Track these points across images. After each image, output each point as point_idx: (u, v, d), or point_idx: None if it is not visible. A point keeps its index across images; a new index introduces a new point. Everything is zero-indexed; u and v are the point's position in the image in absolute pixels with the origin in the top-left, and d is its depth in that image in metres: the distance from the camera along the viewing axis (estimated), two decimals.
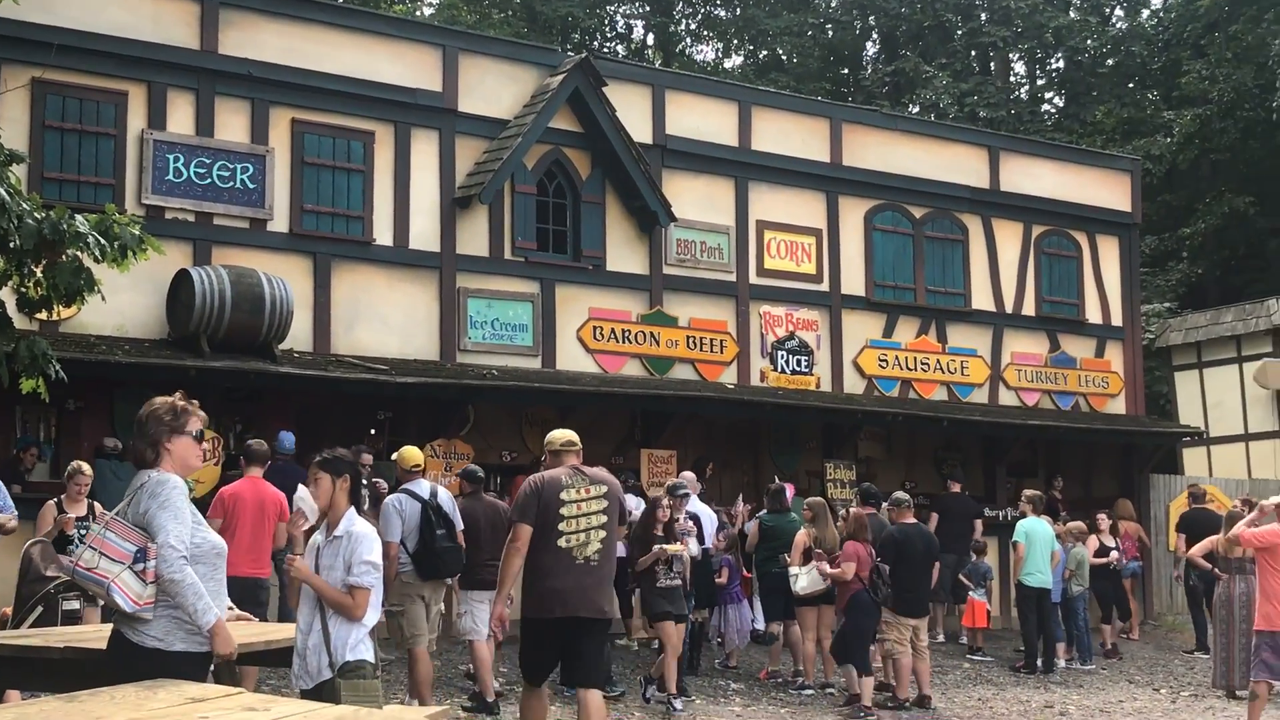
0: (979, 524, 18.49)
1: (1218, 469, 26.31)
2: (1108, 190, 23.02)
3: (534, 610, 8.56)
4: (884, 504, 14.52)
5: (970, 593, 17.63)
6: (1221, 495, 21.58)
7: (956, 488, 18.78)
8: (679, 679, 12.80)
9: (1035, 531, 16.30)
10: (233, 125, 15.98)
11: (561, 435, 9.16)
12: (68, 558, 7.16)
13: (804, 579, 13.61)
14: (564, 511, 8.52)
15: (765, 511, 15.39)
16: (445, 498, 11.68)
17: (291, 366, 15.04)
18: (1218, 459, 26.81)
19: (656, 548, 12.39)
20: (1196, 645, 18.75)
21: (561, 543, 8.47)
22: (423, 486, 11.64)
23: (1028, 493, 17.18)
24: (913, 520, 14.04)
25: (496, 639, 9.69)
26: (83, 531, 10.54)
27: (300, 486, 7.23)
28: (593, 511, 8.64)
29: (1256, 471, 25.67)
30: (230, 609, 6.76)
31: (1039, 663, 16.49)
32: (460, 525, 11.64)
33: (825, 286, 20.08)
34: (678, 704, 12.40)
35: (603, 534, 8.62)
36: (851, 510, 14.06)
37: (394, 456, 12.65)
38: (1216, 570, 15.71)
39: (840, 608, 13.23)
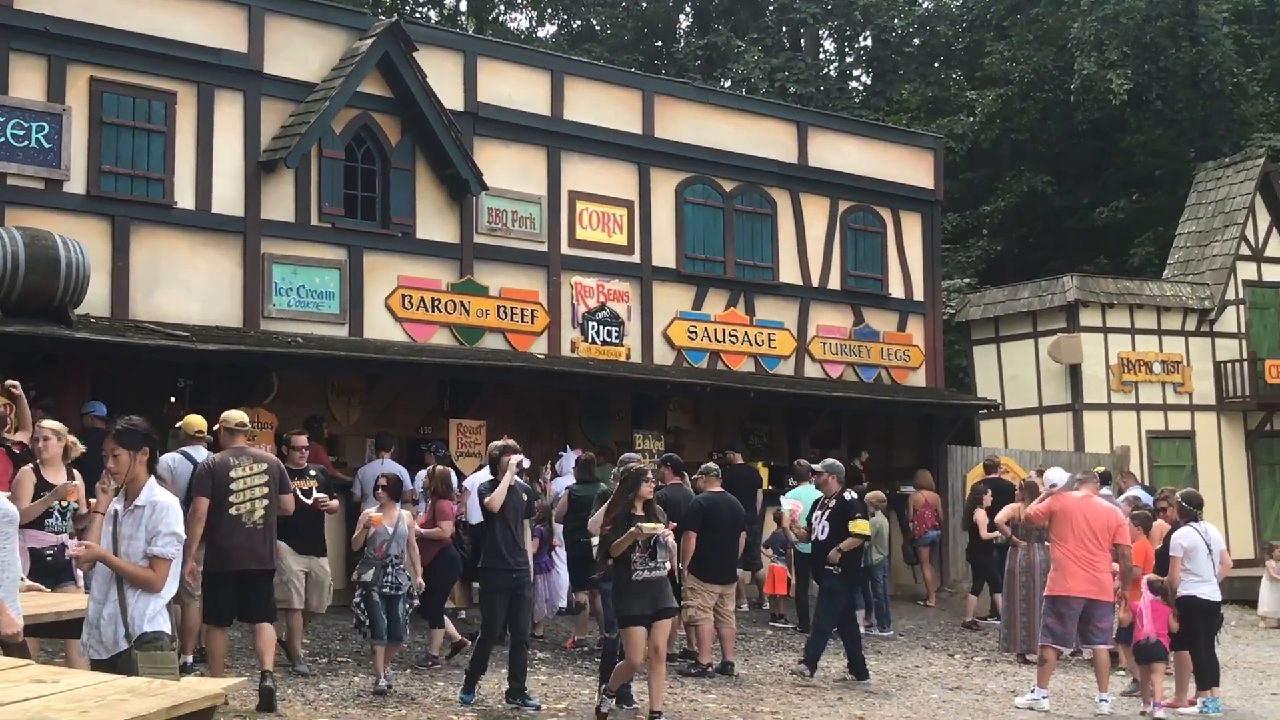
0: (760, 494, 18.59)
1: (1013, 441, 27.13)
2: (911, 168, 23.52)
3: (215, 565, 10.71)
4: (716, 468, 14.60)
5: (771, 560, 17.91)
6: (1016, 466, 22.27)
7: (738, 458, 18.79)
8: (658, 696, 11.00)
9: (806, 499, 16.44)
10: (28, 83, 15.39)
11: (235, 416, 11.29)
12: None
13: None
14: (234, 486, 10.72)
15: (574, 481, 15.42)
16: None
17: (88, 332, 14.58)
18: (1013, 431, 27.65)
19: (634, 527, 10.56)
20: (990, 612, 19.31)
21: (232, 511, 10.69)
22: (200, 453, 11.76)
23: (799, 462, 17.57)
24: (719, 489, 14.17)
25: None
26: (64, 505, 9.99)
27: None
28: (256, 485, 10.80)
29: (1050, 443, 26.53)
30: (21, 579, 6.56)
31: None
32: None
33: (636, 258, 20.16)
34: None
35: (265, 502, 10.84)
36: (436, 468, 14.11)
37: (177, 424, 12.51)
38: (1014, 538, 16.19)
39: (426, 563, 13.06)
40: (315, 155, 17.13)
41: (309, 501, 12.09)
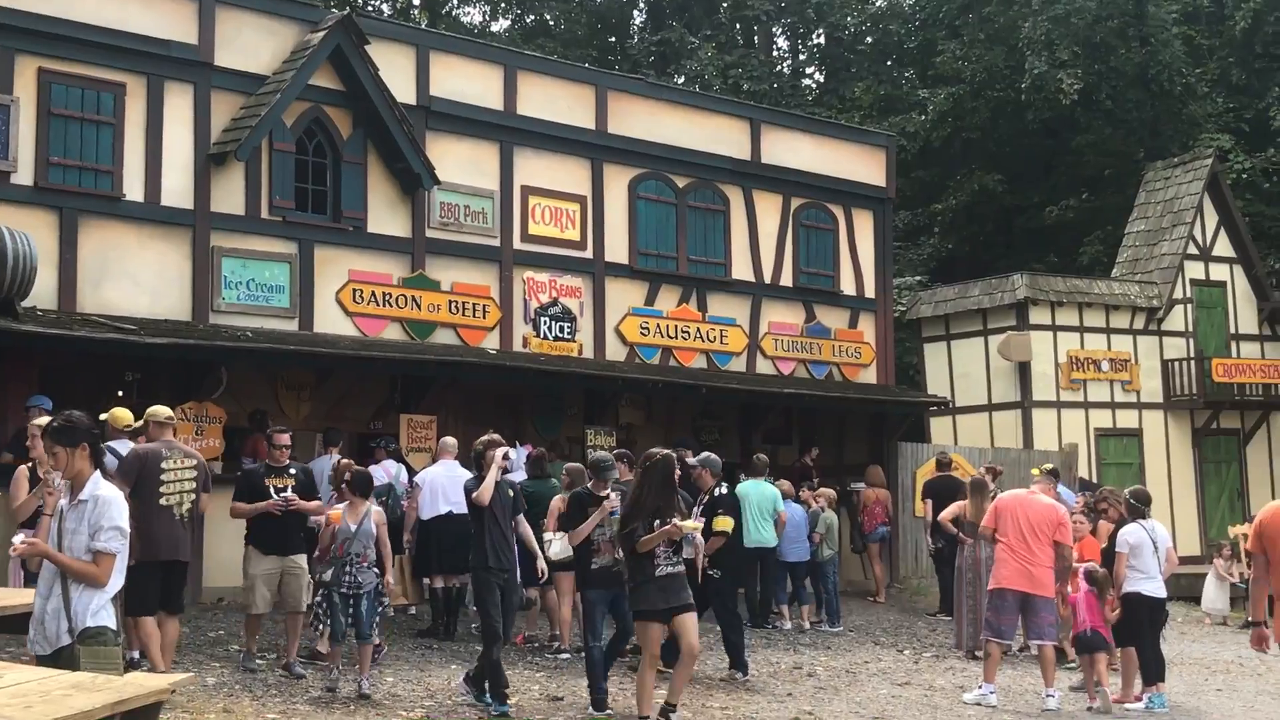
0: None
1: (963, 438, 27.30)
2: (864, 165, 23.60)
3: (144, 554, 10.34)
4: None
5: None
6: (965, 463, 22.37)
7: (688, 455, 18.73)
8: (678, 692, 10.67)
9: (750, 493, 16.47)
10: None
11: (163, 410, 11.35)
12: None
13: (556, 545, 13.62)
14: (164, 477, 10.71)
15: (526, 477, 15.39)
16: None
17: (35, 325, 14.45)
18: (963, 428, 27.82)
19: (670, 524, 10.12)
20: (940, 608, 19.41)
21: (163, 501, 10.69)
22: (125, 446, 11.61)
23: (758, 457, 17.62)
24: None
25: None
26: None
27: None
28: (185, 479, 10.82)
29: (999, 440, 26.72)
30: None
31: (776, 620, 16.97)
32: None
33: (589, 253, 20.14)
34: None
35: (193, 497, 10.89)
36: (341, 462, 13.81)
37: (103, 417, 12.35)
38: (961, 535, 16.29)
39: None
40: (266, 148, 17.02)
41: (284, 499, 11.95)
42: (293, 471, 12.32)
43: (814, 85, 42.55)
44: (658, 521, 10.10)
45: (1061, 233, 36.04)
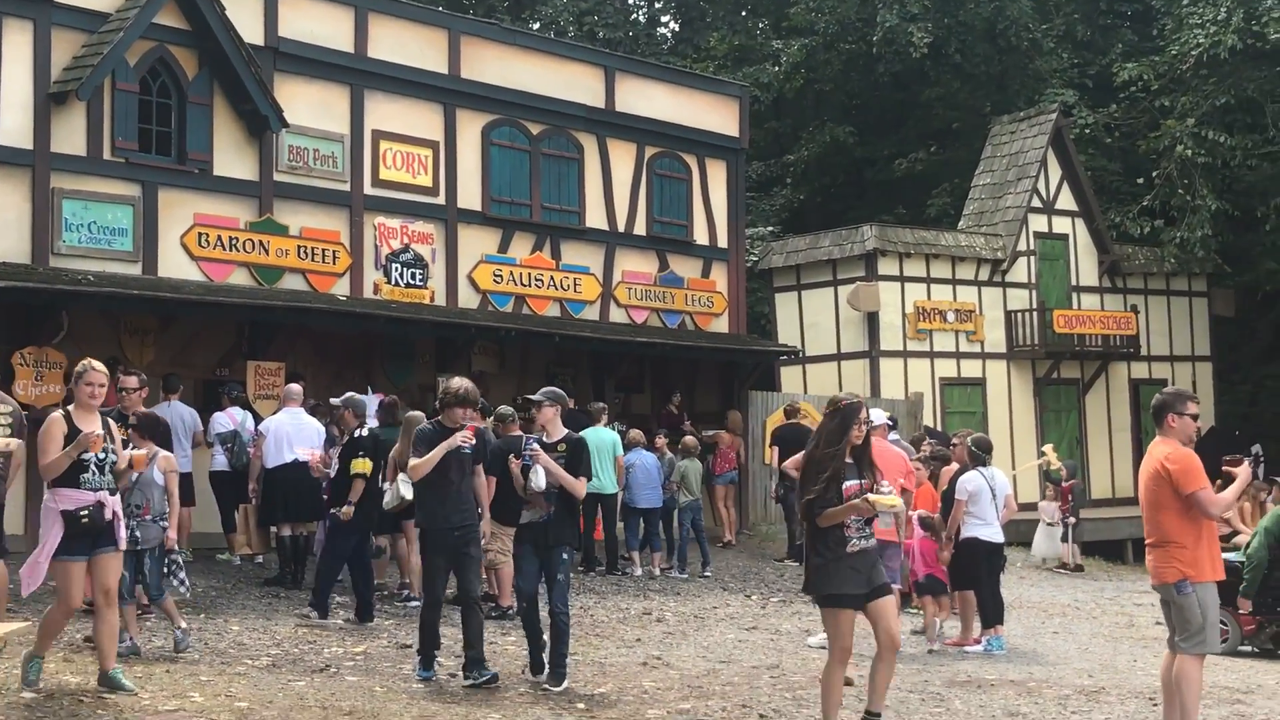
0: None
1: (812, 386, 27.67)
2: (717, 115, 23.69)
3: None
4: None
5: None
6: (814, 411, 22.67)
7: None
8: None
9: (589, 441, 16.63)
10: None
11: None
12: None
13: (389, 494, 13.59)
14: None
15: (378, 424, 15.30)
16: None
17: None
18: (812, 377, 28.20)
19: (859, 498, 8.22)
20: (788, 553, 19.72)
21: None
22: None
23: (592, 405, 17.77)
24: (519, 433, 14.17)
25: None
26: (100, 456, 8.70)
27: None
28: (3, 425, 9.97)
29: (847, 389, 27.05)
30: None
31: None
32: None
33: (441, 200, 19.98)
34: None
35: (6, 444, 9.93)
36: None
37: None
38: None
39: None
40: (108, 87, 16.58)
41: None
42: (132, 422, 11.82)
43: (669, 34, 42.54)
44: (850, 484, 8.27)
45: (910, 185, 36.56)
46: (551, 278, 21.13)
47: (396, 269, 19.31)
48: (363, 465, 12.90)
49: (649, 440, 18.70)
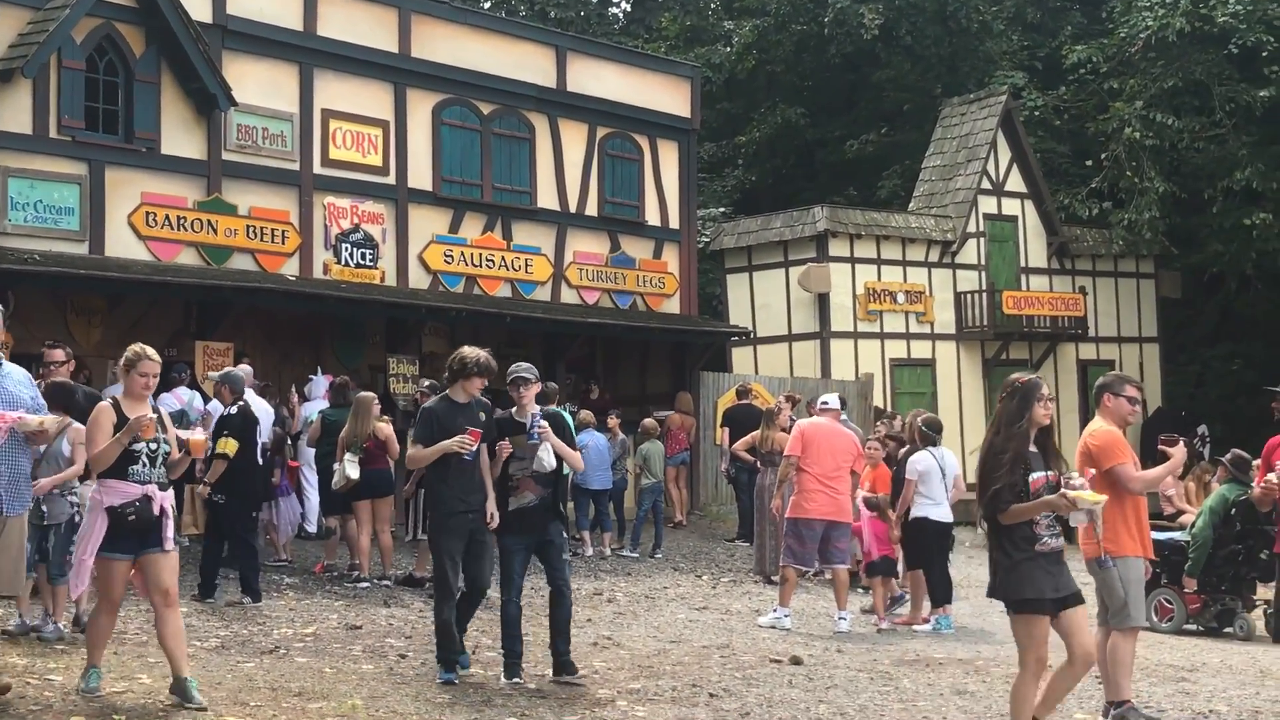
0: None
1: (763, 367, 27.73)
2: (669, 96, 23.67)
3: None
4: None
5: None
6: (765, 392, 22.78)
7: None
8: None
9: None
10: None
11: None
12: None
13: (337, 474, 13.58)
14: None
15: (328, 405, 15.27)
16: None
17: None
18: (763, 358, 28.26)
19: (1060, 491, 7.29)
20: (738, 534, 19.78)
21: None
22: None
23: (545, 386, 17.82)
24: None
25: None
26: (152, 446, 8.08)
27: None
28: None
29: (798, 370, 27.22)
30: None
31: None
32: None
33: (391, 179, 19.89)
34: None
35: None
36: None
37: None
38: (758, 464, 16.61)
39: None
40: (54, 65, 16.41)
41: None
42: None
43: (621, 14, 42.47)
44: (1038, 475, 7.38)
45: (861, 166, 36.66)
46: (502, 258, 21.08)
47: (346, 249, 19.22)
48: (226, 445, 12.60)
49: (601, 422, 18.71)
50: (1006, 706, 7.77)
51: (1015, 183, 30.22)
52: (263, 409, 14.75)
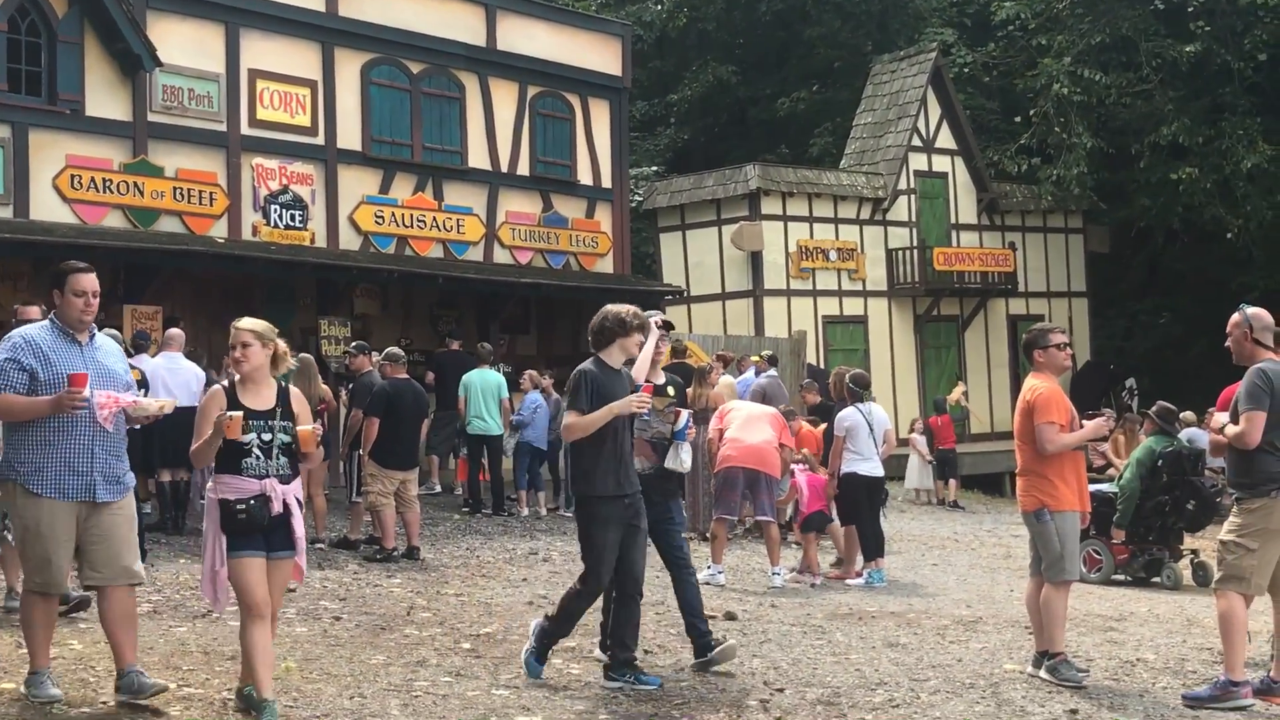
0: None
1: (697, 326, 27.80)
2: (600, 54, 23.60)
3: None
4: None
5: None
6: (699, 350, 22.80)
7: (456, 345, 19.02)
8: None
9: (474, 382, 17.09)
10: None
11: None
12: None
13: None
14: None
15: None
16: None
17: None
18: (697, 316, 28.32)
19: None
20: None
21: None
22: None
23: (482, 345, 17.94)
24: (405, 376, 14.14)
25: None
26: (266, 438, 6.86)
27: None
28: None
29: (731, 328, 27.29)
30: None
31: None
32: None
33: (320, 140, 19.74)
34: None
35: None
36: None
37: None
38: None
39: None
40: None
41: None
42: None
43: None
44: None
45: (793, 124, 36.72)
46: (434, 219, 20.99)
47: (275, 210, 19.07)
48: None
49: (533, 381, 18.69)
50: (938, 658, 7.86)
51: (945, 140, 30.38)
52: (192, 372, 14.62)
